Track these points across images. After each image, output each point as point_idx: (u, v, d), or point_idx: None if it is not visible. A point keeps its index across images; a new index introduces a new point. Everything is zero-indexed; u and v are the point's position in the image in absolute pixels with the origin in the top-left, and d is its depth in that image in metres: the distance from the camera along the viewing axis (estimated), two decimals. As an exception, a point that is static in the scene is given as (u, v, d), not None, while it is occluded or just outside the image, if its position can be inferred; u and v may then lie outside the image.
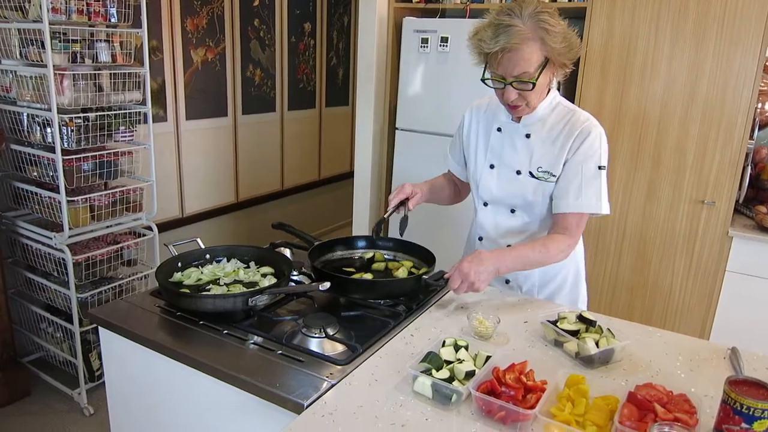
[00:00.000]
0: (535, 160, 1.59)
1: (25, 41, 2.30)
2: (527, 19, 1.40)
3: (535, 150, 1.59)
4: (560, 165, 1.56)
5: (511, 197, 1.65)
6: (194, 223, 3.64)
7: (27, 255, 2.63)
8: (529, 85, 1.45)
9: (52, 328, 2.71)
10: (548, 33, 1.40)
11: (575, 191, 1.53)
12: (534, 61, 1.42)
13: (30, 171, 2.49)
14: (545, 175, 1.58)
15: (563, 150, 1.55)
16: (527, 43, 1.40)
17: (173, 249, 1.63)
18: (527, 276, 1.70)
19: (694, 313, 2.76)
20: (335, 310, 1.47)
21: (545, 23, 1.40)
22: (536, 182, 1.59)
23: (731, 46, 2.47)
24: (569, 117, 1.57)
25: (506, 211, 1.68)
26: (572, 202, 1.54)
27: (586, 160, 1.53)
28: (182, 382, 1.30)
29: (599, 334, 1.29)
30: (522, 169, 1.61)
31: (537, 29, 1.40)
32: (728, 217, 2.61)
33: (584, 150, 1.53)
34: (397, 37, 3.22)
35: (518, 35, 1.39)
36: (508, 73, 1.45)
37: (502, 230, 1.70)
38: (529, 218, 1.65)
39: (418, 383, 1.12)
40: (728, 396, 0.95)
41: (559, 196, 1.56)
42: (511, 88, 1.47)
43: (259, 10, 3.87)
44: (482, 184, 1.69)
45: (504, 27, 1.40)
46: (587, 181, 1.53)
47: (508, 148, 1.64)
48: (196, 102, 3.51)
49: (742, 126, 2.52)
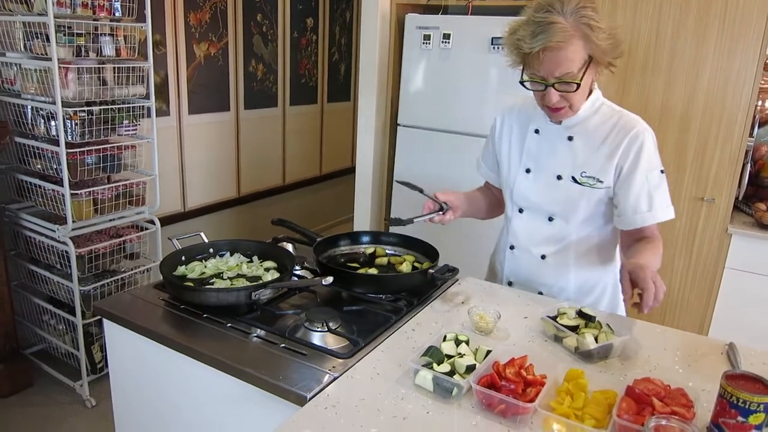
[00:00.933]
0: (578, 164, 1.50)
1: (29, 34, 2.31)
2: (569, 16, 1.31)
3: (579, 153, 1.50)
4: (610, 171, 1.47)
5: (551, 204, 1.55)
6: (196, 218, 3.65)
7: (30, 247, 2.65)
8: (572, 86, 1.36)
9: (55, 320, 2.73)
10: (592, 30, 1.31)
11: (647, 202, 1.46)
12: (578, 61, 1.34)
13: (34, 164, 2.50)
14: (590, 180, 1.49)
15: (613, 155, 1.46)
16: (571, 41, 1.31)
17: (177, 243, 1.65)
18: (562, 288, 1.62)
19: (694, 309, 2.78)
20: (337, 304, 1.49)
21: (589, 19, 1.31)
22: (580, 188, 1.50)
23: (732, 43, 2.48)
24: (616, 119, 1.48)
25: (543, 218, 1.58)
26: (647, 213, 1.47)
27: (651, 169, 1.46)
28: (186, 374, 1.31)
29: (598, 330, 1.30)
30: (563, 173, 1.52)
31: (580, 26, 1.31)
32: (728, 215, 2.62)
33: (646, 158, 1.45)
34: (400, 33, 3.22)
35: (561, 33, 1.29)
36: (549, 74, 1.35)
37: (537, 239, 1.61)
38: (568, 226, 1.56)
39: (419, 377, 1.13)
40: (725, 390, 0.97)
41: (633, 211, 1.47)
42: (553, 89, 1.37)
43: (261, 5, 3.88)
44: (517, 190, 1.60)
45: (545, 24, 1.30)
46: (655, 189, 1.47)
47: (547, 151, 1.54)
48: (198, 96, 3.52)
49: (742, 123, 2.53)
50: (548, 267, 1.62)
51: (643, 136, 1.45)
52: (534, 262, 1.64)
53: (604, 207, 1.54)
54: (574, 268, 1.61)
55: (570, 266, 1.61)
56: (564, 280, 1.62)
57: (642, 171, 1.45)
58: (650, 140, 1.47)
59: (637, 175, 1.45)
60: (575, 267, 1.61)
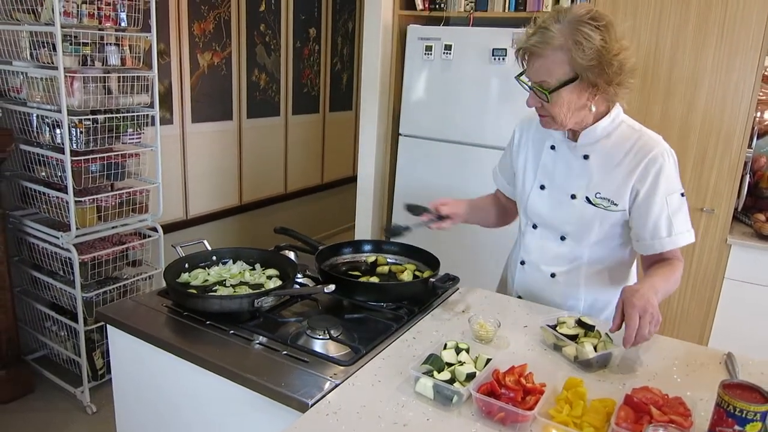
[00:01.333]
0: (593, 184, 1.46)
1: (36, 43, 2.34)
2: (565, 26, 1.28)
3: (594, 173, 1.46)
4: (626, 193, 1.43)
5: (563, 223, 1.52)
6: (198, 225, 3.67)
7: (33, 254, 2.66)
8: (544, 95, 1.34)
9: (57, 326, 2.74)
10: (578, 45, 1.27)
11: (666, 227, 1.41)
12: (556, 73, 1.31)
13: (38, 171, 2.52)
14: (605, 202, 1.44)
15: (629, 177, 1.41)
16: (553, 51, 1.30)
17: (180, 250, 1.66)
18: (572, 308, 1.58)
19: (693, 319, 2.78)
20: (339, 312, 1.50)
21: (580, 35, 1.27)
22: (594, 209, 1.46)
23: (731, 55, 2.50)
24: (635, 139, 1.42)
25: (556, 237, 1.56)
26: (667, 239, 1.42)
27: (670, 192, 1.40)
28: (188, 380, 1.32)
29: (597, 339, 1.32)
30: (578, 193, 1.48)
31: (567, 39, 1.28)
32: (727, 225, 2.63)
33: (661, 180, 1.39)
34: (402, 43, 3.25)
35: (546, 40, 1.29)
36: (531, 77, 1.37)
37: (548, 257, 1.58)
38: (579, 247, 1.53)
39: (419, 384, 1.15)
40: (722, 399, 0.98)
41: (651, 236, 1.43)
42: (532, 93, 1.38)
43: (265, 16, 3.91)
44: (531, 206, 1.58)
45: (541, 28, 1.31)
46: (675, 213, 1.41)
47: (561, 168, 1.51)
48: (201, 105, 3.55)
49: (741, 135, 2.54)
50: (557, 285, 1.60)
51: (663, 159, 1.40)
52: (543, 280, 1.61)
53: (620, 229, 1.50)
54: (584, 288, 1.58)
55: (580, 286, 1.58)
56: (574, 300, 1.59)
57: (661, 195, 1.40)
58: (671, 162, 1.41)
59: (656, 199, 1.40)
60: (585, 287, 1.58)
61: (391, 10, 3.21)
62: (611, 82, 1.33)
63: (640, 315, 1.21)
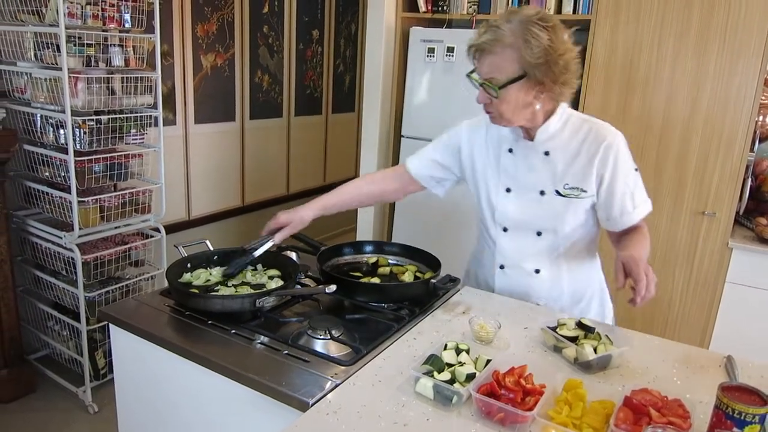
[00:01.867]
0: (559, 177, 1.52)
1: (40, 44, 2.35)
2: (515, 25, 1.35)
3: (558, 167, 1.52)
4: (591, 180, 1.50)
5: (537, 219, 1.57)
6: (201, 226, 3.68)
7: (36, 253, 2.67)
8: (493, 91, 1.39)
9: (59, 326, 2.75)
10: (527, 43, 1.33)
11: (630, 202, 1.53)
12: (505, 70, 1.37)
13: (42, 171, 2.54)
14: (574, 191, 1.52)
15: (591, 164, 1.49)
16: (502, 49, 1.36)
17: (183, 250, 1.67)
18: (557, 298, 1.65)
19: (694, 322, 2.78)
20: (340, 313, 1.51)
21: (529, 33, 1.33)
22: (565, 200, 1.53)
23: (732, 59, 2.50)
24: (587, 129, 1.51)
25: (531, 234, 1.59)
26: (633, 212, 1.53)
27: (628, 171, 1.51)
28: (190, 379, 1.33)
29: (597, 341, 1.32)
30: (546, 188, 1.54)
31: (517, 38, 1.34)
32: (728, 229, 2.64)
33: (620, 161, 1.49)
34: (404, 45, 3.27)
35: (497, 37, 1.36)
36: (481, 74, 1.42)
37: (527, 255, 1.62)
38: (556, 239, 1.58)
39: (420, 384, 1.15)
40: (721, 401, 0.98)
41: (620, 213, 1.53)
42: (482, 89, 1.43)
43: (268, 17, 3.93)
44: (500, 211, 1.61)
45: (492, 27, 1.38)
46: (634, 188, 1.53)
47: (524, 169, 1.56)
48: (204, 106, 3.56)
49: (742, 138, 2.55)
50: (542, 281, 1.64)
51: (617, 142, 1.50)
52: (527, 278, 1.65)
53: (589, 212, 1.58)
54: (567, 276, 1.64)
55: (563, 275, 1.64)
56: (558, 290, 1.65)
57: (622, 175, 1.50)
58: (623, 144, 1.51)
59: (619, 180, 1.50)
60: (568, 275, 1.64)
61: (394, 12, 3.22)
62: (557, 80, 1.39)
63: (645, 271, 1.30)
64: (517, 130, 1.54)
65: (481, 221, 1.71)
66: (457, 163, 1.70)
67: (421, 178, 1.74)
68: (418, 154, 1.76)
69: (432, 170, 1.73)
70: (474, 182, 1.68)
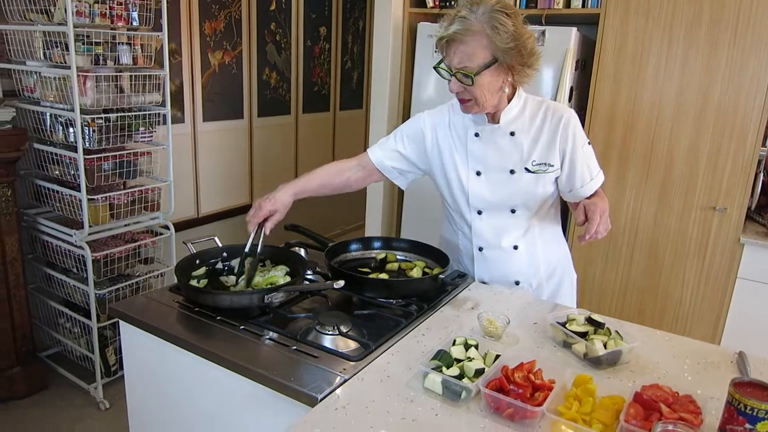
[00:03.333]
0: (526, 155, 1.61)
1: (49, 43, 2.37)
2: (480, 14, 1.42)
3: (524, 145, 1.61)
4: (556, 155, 1.61)
5: (510, 197, 1.65)
6: (209, 223, 3.70)
7: (47, 251, 2.69)
8: (468, 79, 1.46)
9: (70, 323, 2.77)
10: (495, 30, 1.41)
11: (588, 172, 1.64)
12: (477, 57, 1.44)
13: (52, 169, 2.55)
14: (542, 167, 1.61)
15: (554, 140, 1.60)
16: (473, 37, 1.43)
17: (192, 246, 1.68)
18: (535, 273, 1.74)
19: (705, 318, 2.76)
20: (348, 308, 1.51)
21: (496, 21, 1.41)
22: (534, 176, 1.62)
23: (744, 53, 2.48)
24: (545, 108, 1.61)
25: (506, 212, 1.68)
26: (591, 182, 1.64)
27: (583, 144, 1.62)
28: (199, 374, 1.33)
29: (607, 336, 1.31)
30: (515, 167, 1.62)
31: (486, 25, 1.42)
32: (740, 224, 2.61)
33: (577, 136, 1.61)
34: (412, 41, 3.26)
35: (466, 27, 1.42)
36: (453, 64, 1.48)
37: (504, 233, 1.69)
38: (530, 213, 1.68)
39: (428, 380, 1.15)
40: (732, 397, 0.97)
41: (580, 184, 1.64)
42: (455, 79, 1.49)
43: (275, 14, 3.93)
44: (473, 194, 1.67)
45: (459, 18, 1.44)
46: (590, 159, 1.65)
47: (492, 151, 1.63)
48: (212, 104, 3.57)
49: (754, 133, 2.52)
50: (521, 255, 1.71)
51: (573, 119, 1.61)
52: (506, 256, 1.71)
53: (555, 185, 1.68)
54: (541, 249, 1.73)
55: (538, 248, 1.72)
56: (535, 265, 1.73)
57: (579, 149, 1.61)
58: (576, 119, 1.62)
59: (578, 154, 1.61)
60: (542, 248, 1.73)
61: (402, 7, 3.21)
62: (524, 63, 1.49)
63: (600, 215, 1.44)
64: (481, 114, 1.61)
65: (451, 208, 1.77)
66: (422, 153, 1.75)
67: (383, 168, 1.78)
68: (381, 145, 1.80)
69: (394, 161, 1.77)
70: (441, 170, 1.72)
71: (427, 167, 1.77)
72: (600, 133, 2.81)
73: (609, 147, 2.81)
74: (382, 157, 1.78)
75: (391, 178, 1.81)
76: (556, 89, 2.74)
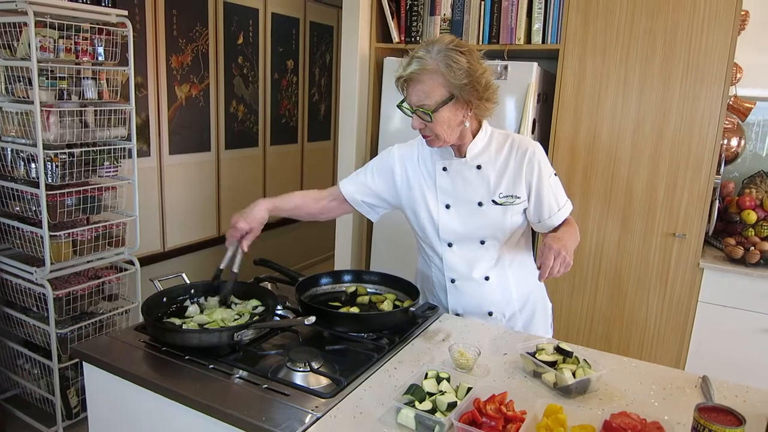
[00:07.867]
0: (493, 188, 1.65)
1: (11, 78, 2.33)
2: (435, 54, 1.48)
3: (491, 178, 1.65)
4: (522, 187, 1.65)
5: (479, 229, 1.69)
6: (176, 257, 3.63)
7: (6, 290, 2.60)
8: (427, 116, 1.52)
9: (30, 364, 2.67)
10: (449, 68, 1.47)
11: (555, 203, 1.68)
12: (434, 94, 1.50)
13: (12, 206, 2.49)
14: (509, 199, 1.65)
15: (520, 172, 1.64)
16: (429, 75, 1.49)
17: (158, 284, 1.65)
18: (507, 303, 1.76)
19: (670, 343, 2.82)
20: (319, 343, 1.49)
21: (449, 59, 1.47)
22: (502, 208, 1.66)
23: (696, 86, 2.59)
24: (509, 141, 1.66)
25: (475, 244, 1.70)
26: (559, 212, 1.68)
27: (549, 175, 1.67)
28: (168, 416, 1.30)
29: (576, 365, 1.33)
30: (483, 200, 1.66)
31: (440, 64, 1.48)
32: (699, 250, 2.69)
33: (543, 168, 1.65)
34: (379, 74, 3.31)
35: (421, 67, 1.49)
36: (412, 102, 1.54)
37: (475, 264, 1.72)
38: (500, 244, 1.70)
39: (401, 415, 1.15)
40: (698, 422, 1.00)
41: (548, 215, 1.67)
42: (416, 116, 1.55)
43: (243, 48, 3.95)
44: (443, 227, 1.70)
45: (416, 58, 1.51)
46: (557, 190, 1.69)
47: (460, 184, 1.67)
48: (179, 137, 3.55)
49: (708, 161, 2.63)
50: (493, 286, 1.74)
51: (538, 152, 1.65)
52: (478, 287, 1.74)
53: (523, 216, 1.71)
54: (512, 278, 1.75)
55: (509, 278, 1.75)
56: (507, 294, 1.75)
57: (545, 181, 1.66)
58: (542, 152, 1.67)
59: (545, 186, 1.65)
60: (513, 278, 1.75)
61: (368, 42, 3.27)
62: (481, 97, 1.55)
63: (554, 256, 1.45)
64: (448, 149, 1.66)
65: (423, 241, 1.80)
66: (392, 188, 1.78)
67: (354, 202, 1.82)
68: (352, 178, 1.84)
69: (365, 196, 1.81)
70: (411, 204, 1.76)
71: (397, 202, 1.79)
72: (562, 164, 2.88)
73: (571, 178, 2.88)
74: (354, 191, 1.81)
75: (362, 212, 1.83)
76: (520, 121, 2.81)
